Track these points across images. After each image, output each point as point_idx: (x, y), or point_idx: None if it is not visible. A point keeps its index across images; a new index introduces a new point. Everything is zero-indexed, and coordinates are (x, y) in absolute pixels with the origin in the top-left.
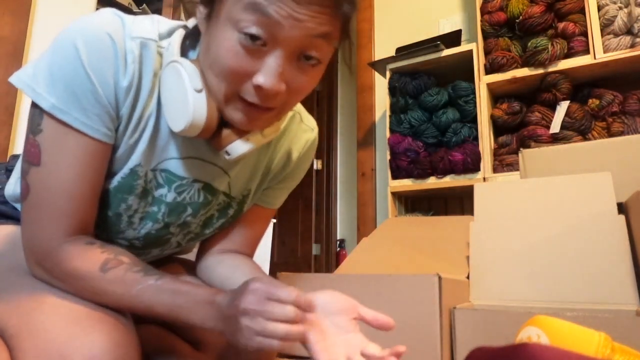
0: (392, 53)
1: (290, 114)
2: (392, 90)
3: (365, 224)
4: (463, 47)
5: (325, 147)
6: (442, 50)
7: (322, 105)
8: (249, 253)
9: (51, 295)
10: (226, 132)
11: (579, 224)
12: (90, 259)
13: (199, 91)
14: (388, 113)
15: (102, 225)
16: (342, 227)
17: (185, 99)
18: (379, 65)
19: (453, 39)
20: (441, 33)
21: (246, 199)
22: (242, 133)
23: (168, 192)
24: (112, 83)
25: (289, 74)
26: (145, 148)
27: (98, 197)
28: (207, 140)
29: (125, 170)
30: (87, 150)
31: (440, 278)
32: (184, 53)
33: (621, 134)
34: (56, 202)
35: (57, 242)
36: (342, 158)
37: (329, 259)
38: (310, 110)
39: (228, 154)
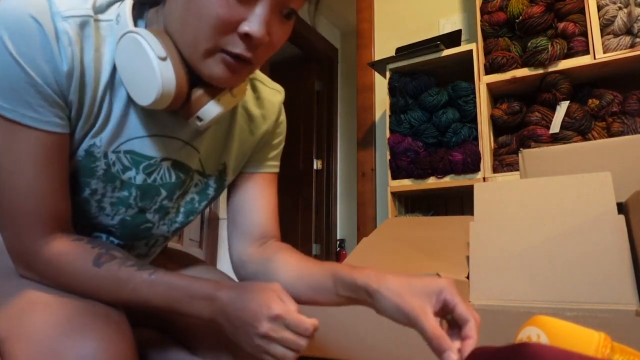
0: (392, 53)
1: (251, 82)
2: (392, 90)
3: (365, 224)
4: (463, 47)
5: (325, 147)
6: (442, 50)
7: (322, 105)
8: (276, 230)
9: (41, 295)
10: (196, 96)
11: (579, 224)
12: (82, 254)
13: (164, 59)
14: (388, 113)
15: (75, 212)
16: (342, 227)
17: (152, 70)
18: (379, 65)
19: (453, 39)
20: (441, 33)
21: (224, 175)
22: (212, 95)
23: (136, 174)
24: (49, 69)
25: (271, 26)
26: (100, 128)
27: (68, 190)
28: (172, 113)
29: (80, 152)
30: (43, 145)
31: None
32: (134, 23)
33: (621, 134)
34: (26, 202)
35: (40, 242)
36: (342, 158)
37: (329, 259)
38: (310, 110)
39: (200, 119)
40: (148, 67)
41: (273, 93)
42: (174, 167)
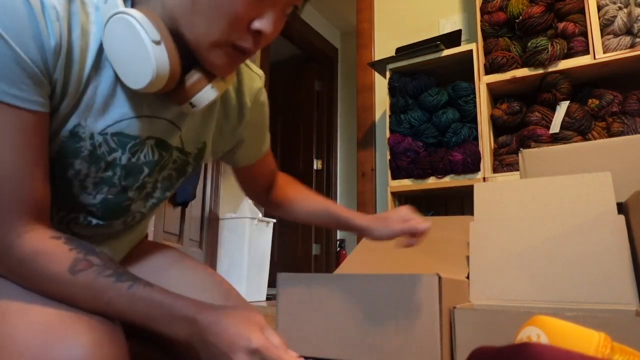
0: (392, 53)
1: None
2: (392, 90)
3: None
4: (463, 47)
5: (325, 147)
6: (442, 50)
7: (322, 105)
8: (275, 171)
9: (14, 304)
10: (190, 82)
11: (578, 224)
12: (58, 257)
13: (158, 43)
14: (388, 113)
15: (54, 191)
16: None
17: (145, 53)
18: (379, 65)
19: (453, 39)
20: (441, 33)
21: (202, 153)
22: (207, 81)
23: (122, 155)
24: (36, 46)
25: (276, 23)
26: (85, 108)
27: (47, 174)
28: (161, 95)
29: (64, 132)
30: (25, 125)
31: (440, 278)
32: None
33: (621, 134)
34: (4, 186)
35: (16, 232)
36: (342, 158)
37: (329, 259)
38: (310, 110)
39: (193, 105)
40: (141, 50)
41: (253, 77)
42: (156, 146)
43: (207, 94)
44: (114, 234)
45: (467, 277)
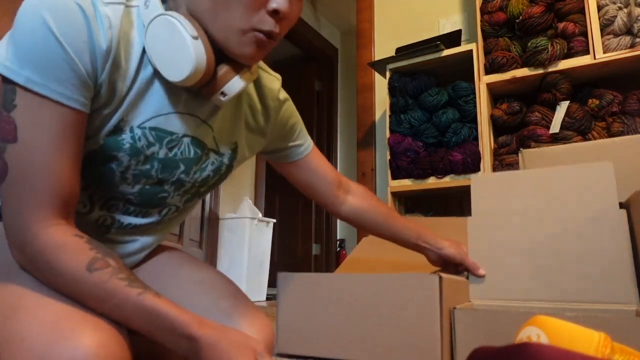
0: (392, 53)
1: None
2: (392, 90)
3: None
4: (463, 47)
5: (325, 147)
6: (442, 50)
7: (322, 105)
8: (338, 174)
9: (25, 300)
10: (221, 72)
11: (579, 218)
12: (79, 252)
13: (196, 38)
14: (388, 113)
15: (96, 180)
16: (342, 227)
17: (186, 47)
18: (379, 65)
19: (453, 39)
20: (441, 33)
21: (235, 154)
22: (236, 71)
23: (160, 149)
24: (87, 49)
25: (292, 1)
26: (128, 106)
27: (79, 173)
28: (192, 93)
29: (109, 127)
30: (65, 122)
31: (440, 278)
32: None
33: (621, 134)
34: (37, 177)
35: (41, 224)
36: (342, 158)
37: (329, 259)
38: (310, 110)
39: (224, 94)
40: (183, 45)
41: (272, 80)
42: (192, 144)
43: (237, 83)
44: (149, 227)
45: (467, 277)
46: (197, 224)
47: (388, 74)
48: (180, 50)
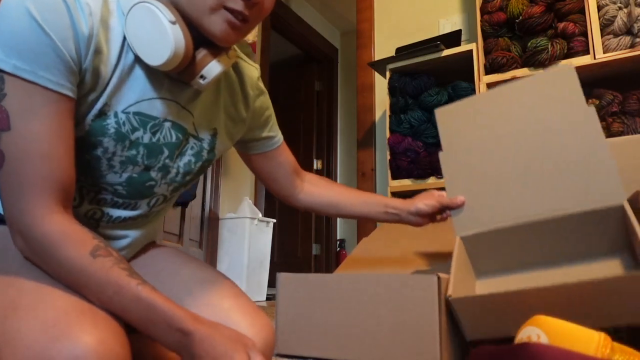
0: (392, 53)
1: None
2: (392, 90)
3: (365, 224)
4: (463, 47)
5: (325, 147)
6: (442, 50)
7: (322, 105)
8: (297, 165)
9: (24, 298)
10: (199, 56)
11: (549, 127)
12: (83, 240)
13: (174, 23)
14: (388, 113)
15: (83, 170)
16: (342, 227)
17: (164, 32)
18: (379, 65)
19: (453, 39)
20: (441, 33)
21: (215, 139)
22: (213, 56)
23: (144, 134)
24: (71, 36)
25: None
26: (111, 91)
27: (73, 158)
28: (173, 79)
29: (94, 112)
30: (56, 108)
31: (439, 278)
32: None
33: (621, 134)
34: (34, 163)
35: (43, 211)
36: (342, 158)
37: (329, 259)
38: (310, 110)
39: (203, 77)
40: (161, 30)
41: (250, 69)
42: (173, 128)
43: (215, 66)
44: (137, 220)
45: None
46: (197, 224)
47: (388, 74)
48: (159, 35)
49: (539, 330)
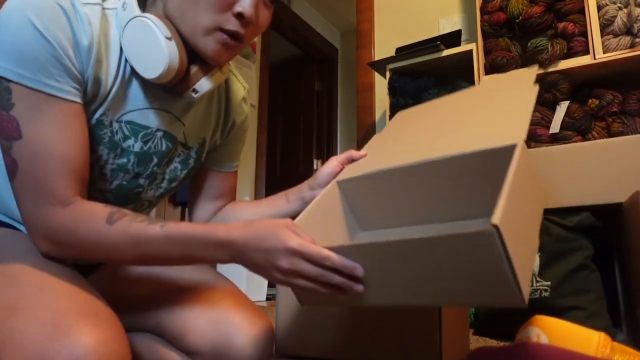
0: (392, 53)
1: (229, 73)
2: (392, 90)
3: None
4: (463, 47)
5: (325, 147)
6: (442, 50)
7: (322, 105)
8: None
9: (24, 299)
10: (193, 71)
11: (479, 102)
12: (97, 212)
13: (170, 38)
14: (388, 113)
15: None
16: None
17: (160, 47)
18: (379, 65)
19: (453, 39)
20: (441, 33)
21: (202, 149)
22: (206, 71)
23: (135, 143)
24: (71, 45)
25: (258, 8)
26: (111, 101)
27: (88, 157)
28: (167, 90)
29: (92, 121)
30: (64, 113)
31: None
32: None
33: (621, 134)
34: (49, 166)
35: (60, 204)
36: None
37: None
38: (310, 110)
39: (195, 91)
40: (156, 44)
41: (238, 87)
42: (165, 137)
43: (207, 81)
44: None
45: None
46: None
47: (388, 74)
48: (154, 49)
49: (539, 330)
